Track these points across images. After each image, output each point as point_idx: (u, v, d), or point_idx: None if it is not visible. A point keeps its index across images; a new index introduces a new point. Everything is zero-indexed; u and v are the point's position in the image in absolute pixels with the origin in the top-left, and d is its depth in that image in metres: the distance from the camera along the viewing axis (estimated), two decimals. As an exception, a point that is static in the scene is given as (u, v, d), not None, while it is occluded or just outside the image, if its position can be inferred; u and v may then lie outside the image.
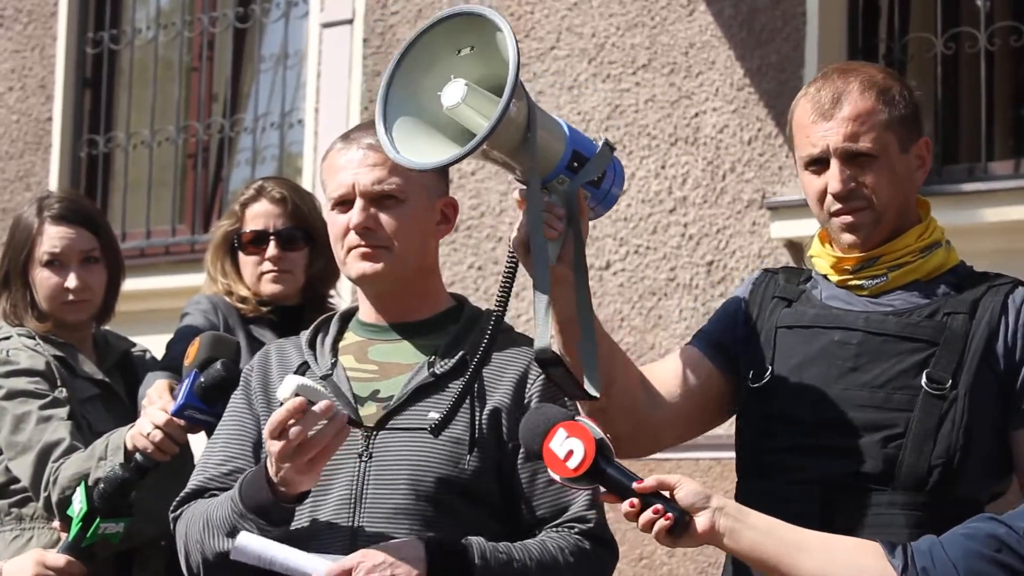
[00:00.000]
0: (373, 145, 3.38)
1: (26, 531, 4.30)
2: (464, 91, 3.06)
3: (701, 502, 2.90)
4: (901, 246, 3.29)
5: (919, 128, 3.32)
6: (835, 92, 3.28)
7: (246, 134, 8.29)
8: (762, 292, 3.43)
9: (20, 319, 4.39)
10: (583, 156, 3.18)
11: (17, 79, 8.63)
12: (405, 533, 3.23)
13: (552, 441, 2.95)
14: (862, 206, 3.27)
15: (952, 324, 3.24)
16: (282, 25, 8.25)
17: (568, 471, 2.93)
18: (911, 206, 3.32)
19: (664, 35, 6.96)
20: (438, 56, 3.12)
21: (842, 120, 3.26)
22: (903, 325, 3.26)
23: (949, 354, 3.21)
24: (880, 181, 3.25)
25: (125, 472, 3.95)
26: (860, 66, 3.38)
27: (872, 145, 3.25)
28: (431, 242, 3.45)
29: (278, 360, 3.49)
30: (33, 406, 4.24)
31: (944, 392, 3.19)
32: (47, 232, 4.39)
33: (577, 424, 2.96)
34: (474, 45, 3.08)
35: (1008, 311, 3.25)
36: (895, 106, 3.27)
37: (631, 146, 6.98)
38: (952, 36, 6.63)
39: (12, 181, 8.52)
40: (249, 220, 4.65)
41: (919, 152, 3.31)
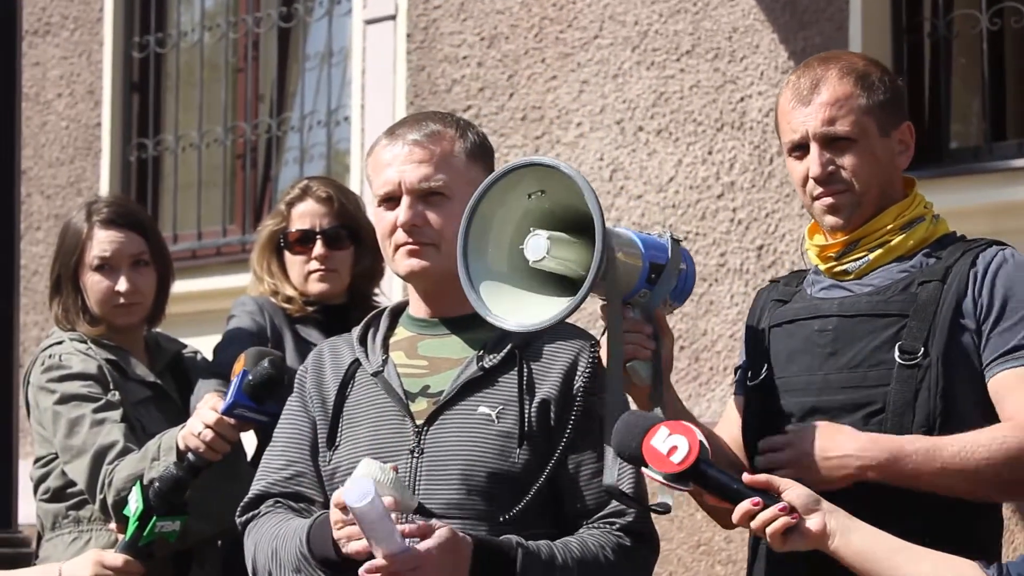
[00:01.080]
0: (418, 141, 3.40)
1: (84, 533, 4.34)
2: (548, 244, 3.11)
3: (812, 504, 2.95)
4: (879, 226, 3.35)
5: (901, 113, 3.37)
6: (814, 79, 3.34)
7: (293, 133, 8.32)
8: (761, 304, 3.50)
9: (72, 323, 4.43)
10: (659, 265, 3.25)
11: (66, 85, 8.69)
12: (458, 528, 3.23)
13: (654, 438, 2.96)
14: (842, 189, 3.32)
15: (922, 293, 3.26)
16: (326, 23, 8.27)
17: (672, 466, 2.93)
18: (894, 188, 3.37)
19: (707, 20, 6.95)
20: (501, 206, 3.18)
21: (820, 105, 3.32)
22: (875, 303, 3.30)
23: (920, 323, 3.24)
24: (859, 164, 3.31)
25: (179, 471, 3.98)
26: (841, 54, 3.45)
27: (850, 128, 3.31)
28: None
29: (331, 359, 3.51)
30: (87, 409, 4.27)
31: (918, 361, 3.21)
32: (97, 236, 4.42)
33: (680, 423, 2.98)
34: (543, 189, 3.13)
35: (977, 268, 3.26)
36: (874, 91, 3.32)
37: (677, 132, 6.96)
38: (997, 11, 6.58)
39: (63, 187, 8.57)
40: (295, 219, 4.67)
41: (901, 136, 3.37)
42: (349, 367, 3.47)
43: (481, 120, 7.30)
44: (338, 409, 3.44)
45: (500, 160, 7.23)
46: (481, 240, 3.18)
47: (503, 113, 7.33)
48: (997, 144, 6.59)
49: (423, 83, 7.56)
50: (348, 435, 3.40)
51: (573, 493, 3.32)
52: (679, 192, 6.94)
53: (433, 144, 3.41)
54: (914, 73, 6.70)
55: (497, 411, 3.31)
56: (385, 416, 3.38)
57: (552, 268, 3.15)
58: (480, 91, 7.41)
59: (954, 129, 6.88)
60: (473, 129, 3.49)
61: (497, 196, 3.17)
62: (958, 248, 3.31)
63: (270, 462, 3.49)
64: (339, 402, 3.44)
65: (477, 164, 3.45)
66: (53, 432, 4.31)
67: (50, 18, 8.77)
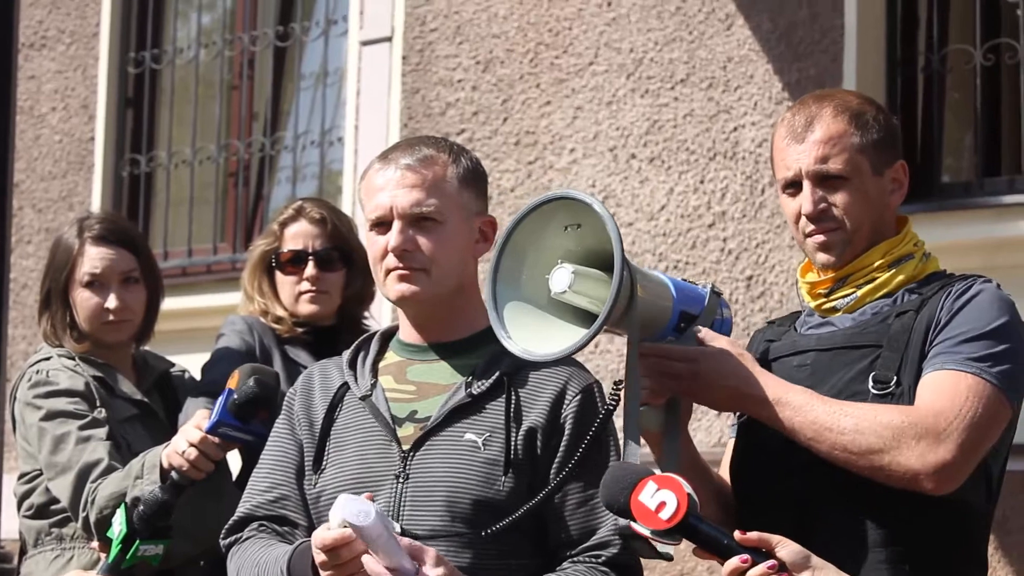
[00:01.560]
0: (411, 165, 3.39)
1: (66, 551, 4.32)
2: (571, 278, 3.11)
3: (802, 561, 2.95)
4: (867, 263, 3.35)
5: (895, 151, 3.37)
6: (808, 116, 3.35)
7: (287, 152, 8.32)
8: (756, 345, 3.51)
9: (59, 339, 4.42)
10: (691, 315, 3.24)
11: (60, 99, 8.69)
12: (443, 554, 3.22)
13: (642, 493, 2.93)
14: (833, 227, 3.33)
15: (896, 324, 3.26)
16: (322, 43, 8.27)
17: (661, 523, 2.91)
18: (886, 225, 3.37)
19: (702, 50, 6.96)
20: (538, 235, 3.17)
21: (814, 143, 3.32)
22: (850, 335, 3.31)
23: (893, 353, 3.24)
24: (851, 202, 3.32)
25: (165, 494, 3.96)
26: (836, 92, 3.44)
27: (843, 167, 3.32)
28: (469, 262, 3.46)
29: (321, 382, 3.50)
30: (72, 427, 4.26)
31: (891, 390, 3.21)
32: (87, 253, 4.41)
33: (668, 477, 2.95)
34: (579, 223, 3.12)
35: (949, 294, 3.27)
36: (868, 129, 3.33)
37: (669, 161, 6.97)
38: (992, 47, 6.60)
39: (55, 201, 8.57)
40: (288, 240, 4.66)
41: (895, 175, 3.37)
42: (338, 390, 3.46)
43: (474, 144, 7.31)
44: (325, 432, 3.43)
45: (493, 185, 7.25)
46: (515, 266, 3.18)
47: (496, 137, 7.34)
48: (989, 180, 6.60)
49: (417, 105, 7.56)
50: (334, 459, 3.39)
51: (558, 523, 3.31)
52: (670, 220, 6.95)
53: (425, 169, 3.40)
54: (907, 107, 6.72)
55: (484, 438, 3.30)
56: (372, 440, 3.37)
57: (573, 302, 3.15)
58: (474, 115, 7.42)
59: (946, 163, 6.90)
60: (467, 154, 3.48)
61: (534, 226, 3.16)
62: (940, 283, 3.32)
63: (255, 484, 3.48)
64: (327, 425, 3.43)
65: (470, 189, 3.45)
66: (38, 448, 4.30)
67: (46, 31, 8.77)
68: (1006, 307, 3.25)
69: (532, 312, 3.17)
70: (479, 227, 3.46)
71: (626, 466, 3.02)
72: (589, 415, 3.33)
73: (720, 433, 6.50)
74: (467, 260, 3.45)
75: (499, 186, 7.21)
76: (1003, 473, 3.34)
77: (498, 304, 3.16)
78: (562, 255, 3.15)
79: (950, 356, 3.19)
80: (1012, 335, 3.22)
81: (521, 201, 7.23)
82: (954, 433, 3.11)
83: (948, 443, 3.10)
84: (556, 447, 3.32)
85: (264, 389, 3.91)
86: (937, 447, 3.10)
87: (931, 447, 3.10)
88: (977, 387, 3.15)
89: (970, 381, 3.16)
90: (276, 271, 4.66)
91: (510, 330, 3.14)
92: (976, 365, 3.17)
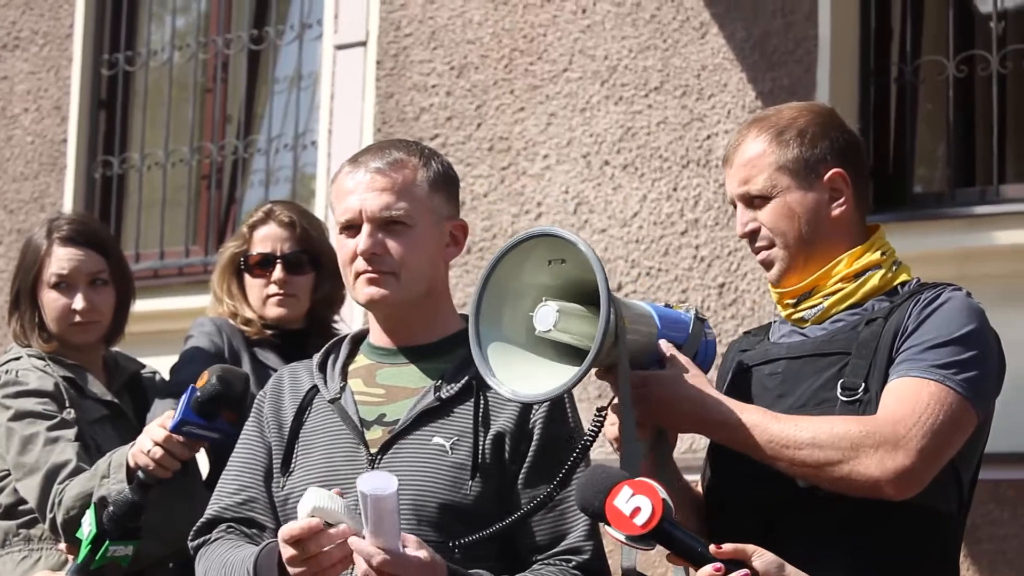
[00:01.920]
0: (381, 169, 3.39)
1: (34, 552, 4.31)
2: (556, 316, 3.09)
3: (776, 571, 2.96)
4: (832, 274, 3.35)
5: (827, 163, 3.36)
6: (737, 140, 3.42)
7: (260, 155, 8.30)
8: (731, 355, 3.52)
9: (28, 339, 4.40)
10: (676, 344, 3.25)
11: (32, 100, 8.66)
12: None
13: (617, 498, 2.92)
14: (764, 246, 3.37)
15: (865, 331, 3.27)
16: (296, 47, 8.26)
17: (636, 528, 2.90)
18: (838, 236, 3.36)
19: (676, 58, 6.97)
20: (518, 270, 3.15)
21: (738, 166, 3.38)
22: (819, 343, 3.32)
23: (861, 360, 3.25)
24: (776, 219, 3.35)
25: (135, 495, 3.95)
26: (774, 112, 3.46)
27: (762, 186, 3.35)
28: (439, 265, 3.46)
29: (290, 384, 3.50)
30: (41, 427, 4.25)
31: (859, 397, 3.22)
32: (55, 254, 4.40)
33: (643, 482, 2.94)
34: (563, 259, 3.11)
35: (919, 303, 3.27)
36: (787, 147, 3.35)
37: (643, 168, 6.98)
38: (965, 59, 6.63)
39: (27, 202, 8.54)
40: (257, 243, 4.66)
41: (832, 185, 3.36)
42: (307, 393, 3.46)
43: (448, 149, 7.30)
44: (294, 435, 3.43)
45: (466, 190, 7.25)
46: (496, 306, 3.16)
47: (470, 143, 7.34)
48: (961, 190, 6.62)
49: (391, 110, 7.56)
50: (302, 461, 3.39)
51: (526, 528, 3.30)
52: (643, 227, 6.95)
53: (395, 172, 3.40)
54: (880, 117, 6.74)
55: (451, 442, 3.30)
56: (339, 443, 3.37)
57: (559, 339, 3.13)
58: (448, 120, 7.42)
59: (919, 174, 6.92)
60: (437, 158, 3.48)
61: (513, 263, 3.15)
62: (910, 291, 3.33)
63: (224, 486, 3.48)
64: (295, 428, 3.43)
65: (440, 193, 3.45)
66: (6, 449, 4.28)
67: (19, 32, 8.75)
68: (975, 314, 3.26)
69: (515, 351, 3.15)
70: (449, 231, 3.46)
71: (601, 469, 3.01)
72: (559, 421, 3.33)
73: (691, 439, 6.50)
74: (437, 264, 3.45)
75: (472, 191, 7.21)
76: (975, 481, 3.34)
77: (482, 344, 3.14)
78: (544, 292, 3.13)
79: (915, 363, 3.19)
80: (980, 342, 3.23)
81: (494, 207, 7.24)
82: (913, 440, 3.11)
83: (907, 449, 3.10)
84: (525, 453, 3.32)
85: (227, 387, 3.90)
86: (895, 453, 3.10)
87: (889, 454, 3.10)
88: (939, 394, 3.16)
89: (932, 388, 3.16)
90: (245, 273, 4.66)
91: (495, 369, 3.12)
92: (940, 372, 3.17)
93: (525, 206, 7.18)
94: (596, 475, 2.99)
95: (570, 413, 3.38)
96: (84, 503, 4.07)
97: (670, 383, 3.18)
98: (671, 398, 3.18)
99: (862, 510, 3.18)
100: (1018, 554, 6.12)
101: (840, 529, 3.20)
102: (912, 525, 3.19)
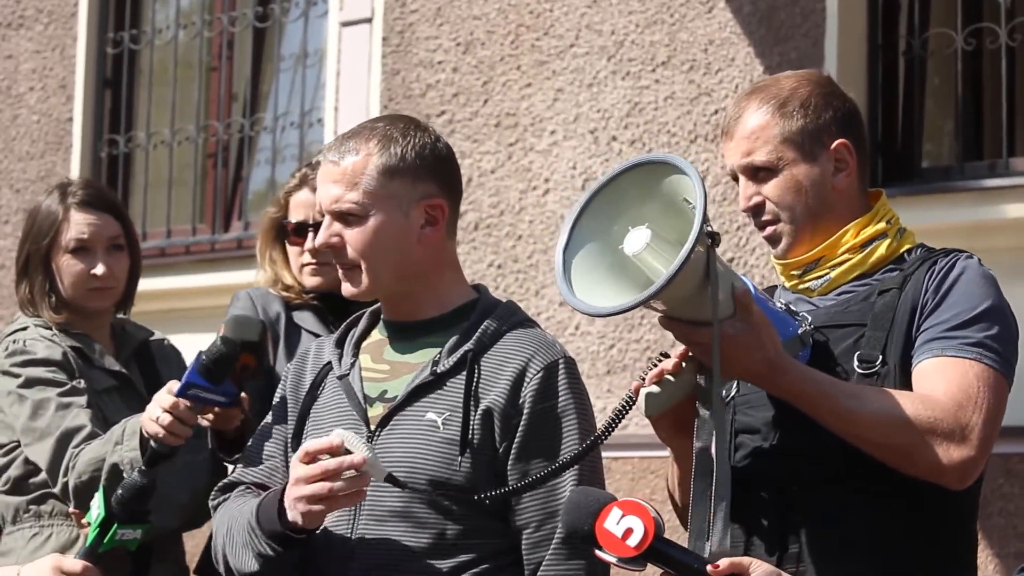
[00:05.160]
0: (333, 160, 3.35)
1: (44, 528, 4.29)
2: (648, 236, 3.00)
3: None
4: (839, 244, 3.32)
5: (831, 133, 3.32)
6: (738, 111, 3.35)
7: (266, 133, 8.29)
8: None
9: (36, 308, 4.37)
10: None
11: (38, 79, 8.65)
12: (400, 535, 3.23)
13: (607, 520, 2.88)
14: (770, 220, 3.33)
15: (879, 302, 3.25)
16: (301, 24, 8.25)
17: (629, 550, 2.85)
18: (842, 207, 3.33)
19: (683, 32, 6.95)
20: (627, 204, 3.07)
21: (740, 138, 3.33)
22: (832, 313, 3.28)
23: (877, 332, 3.23)
24: (782, 193, 3.31)
25: (144, 478, 3.93)
26: (772, 81, 3.41)
27: (767, 158, 3.30)
28: (414, 247, 3.37)
29: (313, 359, 3.51)
30: (52, 393, 4.22)
31: (876, 369, 3.20)
32: (74, 219, 4.36)
33: (632, 502, 2.90)
34: (687, 199, 3.00)
35: (933, 272, 3.26)
36: (791, 118, 3.31)
37: (650, 143, 6.97)
38: (973, 32, 6.60)
39: (33, 181, 8.53)
40: (293, 209, 4.63)
41: (837, 155, 3.33)
42: (322, 369, 3.46)
43: (455, 125, 7.29)
44: (305, 410, 3.44)
45: (473, 167, 7.24)
46: (592, 230, 3.07)
47: (477, 119, 7.32)
48: (969, 164, 6.60)
49: (397, 87, 7.54)
50: (312, 436, 3.38)
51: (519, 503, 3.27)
52: (651, 203, 6.93)
53: (344, 163, 3.35)
54: (888, 91, 6.72)
55: (443, 417, 3.28)
56: (344, 420, 3.36)
57: (650, 265, 3.02)
58: (454, 96, 7.40)
59: (927, 148, 6.90)
60: (407, 140, 3.37)
61: (641, 183, 3.05)
62: (920, 257, 3.31)
63: (250, 451, 3.51)
64: (308, 403, 3.44)
65: (400, 178, 3.35)
66: (16, 415, 4.25)
67: (24, 11, 8.73)
68: (992, 284, 3.25)
69: (603, 270, 3.07)
70: (425, 210, 3.37)
71: (587, 492, 2.97)
72: (550, 393, 3.30)
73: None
74: (410, 247, 3.36)
75: (479, 168, 7.19)
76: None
77: (567, 259, 3.05)
78: (654, 226, 3.04)
79: (948, 342, 3.17)
80: (1003, 314, 3.23)
81: (501, 183, 7.22)
82: (975, 428, 3.11)
83: (971, 440, 3.11)
84: (516, 427, 3.28)
85: (230, 347, 3.85)
86: (963, 445, 3.10)
87: (956, 445, 3.10)
88: (984, 374, 3.15)
89: (977, 369, 3.15)
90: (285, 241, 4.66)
91: (575, 284, 3.03)
92: (976, 351, 3.16)
93: (532, 182, 7.16)
94: (583, 498, 2.94)
95: (561, 390, 3.32)
96: (97, 468, 4.06)
97: (744, 341, 3.07)
98: (745, 358, 3.09)
99: (881, 483, 3.16)
100: (1029, 527, 6.12)
101: (859, 504, 3.18)
102: (930, 499, 3.18)
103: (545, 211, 7.12)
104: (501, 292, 7.09)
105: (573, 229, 3.08)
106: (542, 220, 7.12)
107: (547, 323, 6.88)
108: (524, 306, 7.27)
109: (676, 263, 2.90)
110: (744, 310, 3.06)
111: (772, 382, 3.14)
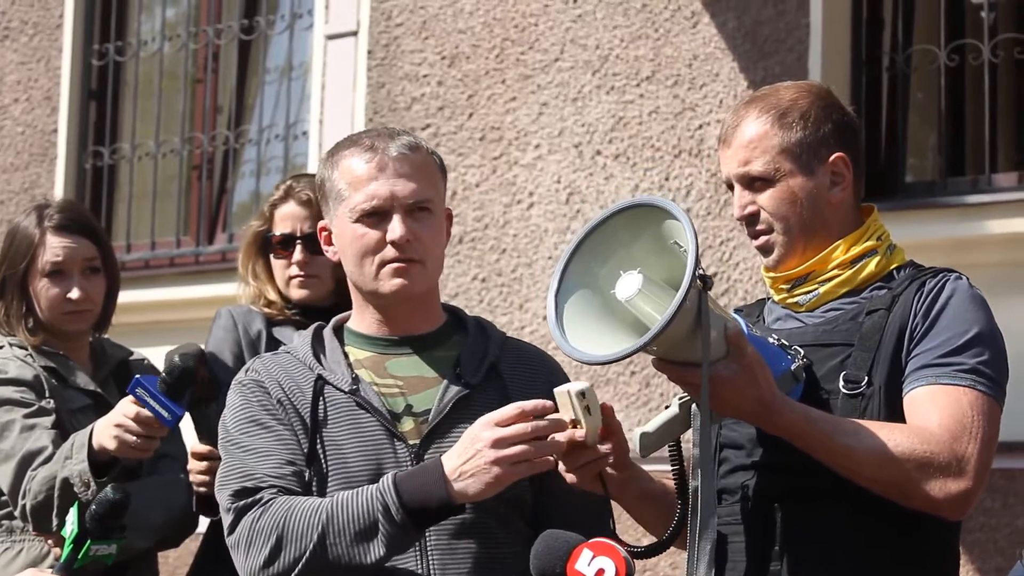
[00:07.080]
0: (404, 154, 3.30)
1: (16, 543, 4.28)
2: (640, 281, 3.01)
3: None
4: (829, 259, 3.32)
5: (829, 147, 3.31)
6: (736, 120, 3.34)
7: (251, 146, 8.29)
8: None
9: (13, 330, 4.38)
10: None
11: (23, 91, 8.64)
12: (470, 547, 3.20)
13: (578, 562, 2.86)
14: (764, 230, 3.33)
15: (867, 322, 3.24)
16: (287, 37, 8.25)
17: None
18: (836, 221, 3.33)
19: (668, 47, 6.96)
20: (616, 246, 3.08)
21: (738, 147, 3.32)
22: (819, 332, 3.28)
23: (864, 352, 3.22)
24: (777, 204, 3.30)
25: (117, 493, 3.92)
26: (771, 91, 3.39)
27: (764, 169, 3.30)
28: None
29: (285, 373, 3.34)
30: (18, 414, 4.22)
31: (861, 390, 3.20)
32: (49, 243, 4.37)
33: (602, 543, 2.89)
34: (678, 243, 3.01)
35: (922, 294, 3.25)
36: (790, 129, 3.30)
37: (635, 158, 6.97)
38: (956, 48, 6.62)
39: (17, 193, 8.52)
40: (278, 222, 4.60)
41: (834, 169, 3.32)
42: (316, 383, 3.31)
43: (440, 139, 7.29)
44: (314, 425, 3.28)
45: (458, 180, 7.25)
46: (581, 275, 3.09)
47: (462, 132, 7.33)
48: (952, 179, 6.62)
49: (383, 100, 7.55)
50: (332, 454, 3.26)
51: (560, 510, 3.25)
52: (635, 217, 6.94)
53: (416, 157, 3.33)
54: (872, 106, 6.74)
55: None
56: (368, 436, 3.26)
57: (642, 310, 3.03)
58: (439, 110, 7.41)
59: (910, 163, 6.92)
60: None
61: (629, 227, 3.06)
62: (908, 276, 3.31)
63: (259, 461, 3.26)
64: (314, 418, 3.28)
65: (444, 180, 3.42)
66: None
67: (9, 23, 8.73)
68: (981, 306, 3.25)
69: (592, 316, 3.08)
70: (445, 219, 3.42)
71: (557, 534, 2.94)
72: None
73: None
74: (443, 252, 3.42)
75: (464, 181, 7.20)
76: None
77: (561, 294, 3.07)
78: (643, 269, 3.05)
79: (940, 369, 3.17)
80: (992, 338, 3.23)
81: (486, 197, 7.23)
82: (971, 459, 3.12)
83: (967, 473, 3.11)
84: None
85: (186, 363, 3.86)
86: (959, 479, 3.11)
87: (952, 479, 3.10)
88: (977, 402, 3.15)
89: (971, 397, 3.15)
90: (270, 253, 4.63)
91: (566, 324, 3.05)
92: (970, 377, 3.16)
93: (517, 196, 7.17)
94: (552, 541, 2.93)
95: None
96: (51, 487, 4.06)
97: (738, 382, 3.07)
98: (738, 399, 3.09)
99: (864, 501, 3.16)
100: (1009, 542, 6.13)
101: (841, 521, 3.18)
102: (913, 515, 3.17)
103: (529, 225, 7.13)
104: (485, 306, 7.10)
105: (564, 273, 3.09)
106: (526, 234, 7.13)
107: (531, 336, 6.89)
108: (508, 320, 7.31)
109: (669, 311, 2.90)
110: (738, 350, 3.06)
111: (767, 421, 3.14)
